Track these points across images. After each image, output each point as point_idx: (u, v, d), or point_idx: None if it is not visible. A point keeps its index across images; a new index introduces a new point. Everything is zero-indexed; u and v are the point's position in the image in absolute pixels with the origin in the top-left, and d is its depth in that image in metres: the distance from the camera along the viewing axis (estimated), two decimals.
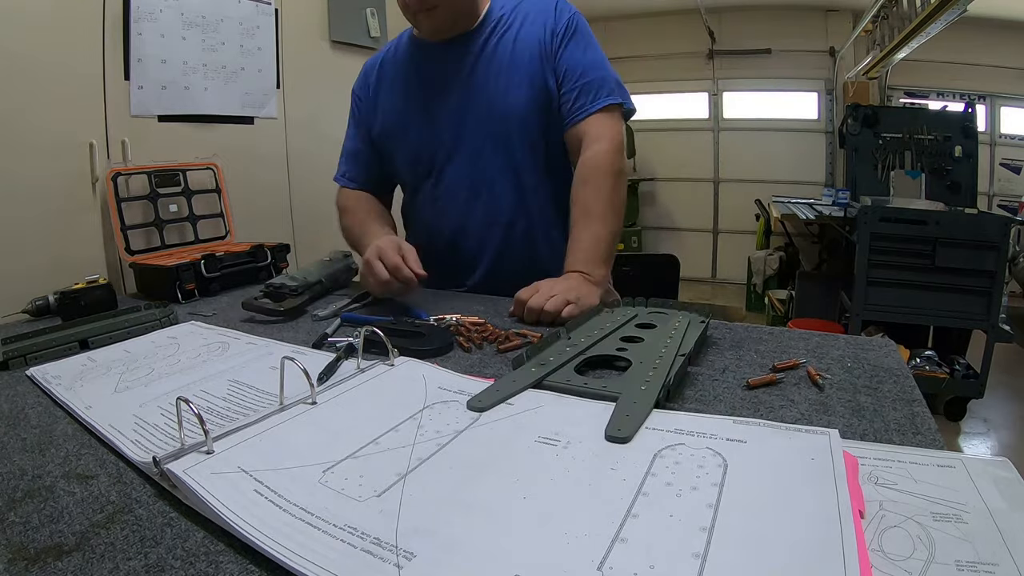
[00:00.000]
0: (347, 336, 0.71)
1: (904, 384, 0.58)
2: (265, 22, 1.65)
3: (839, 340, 0.72)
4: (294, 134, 1.81)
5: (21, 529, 0.39)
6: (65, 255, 1.23)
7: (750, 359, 0.66)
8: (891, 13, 3.28)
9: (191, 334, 0.81)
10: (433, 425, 0.49)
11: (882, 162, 3.79)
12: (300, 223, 1.86)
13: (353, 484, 0.41)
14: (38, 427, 0.54)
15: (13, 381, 0.66)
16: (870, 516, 0.36)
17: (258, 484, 0.40)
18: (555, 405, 0.53)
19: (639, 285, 0.96)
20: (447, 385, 0.58)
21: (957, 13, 2.62)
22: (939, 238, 2.34)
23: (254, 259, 1.18)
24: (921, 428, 0.49)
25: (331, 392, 0.56)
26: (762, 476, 0.39)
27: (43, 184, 1.20)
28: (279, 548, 0.34)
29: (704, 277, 5.49)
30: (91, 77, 1.28)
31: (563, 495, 0.39)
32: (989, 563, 0.32)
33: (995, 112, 4.55)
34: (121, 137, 1.33)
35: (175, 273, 1.04)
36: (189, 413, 0.43)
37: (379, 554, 0.33)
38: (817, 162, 4.98)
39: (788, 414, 0.52)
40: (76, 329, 0.80)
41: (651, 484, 0.39)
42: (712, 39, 5.04)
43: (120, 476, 0.45)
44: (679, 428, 0.47)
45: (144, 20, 1.35)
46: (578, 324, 0.73)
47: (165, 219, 1.32)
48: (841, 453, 0.41)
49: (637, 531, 0.34)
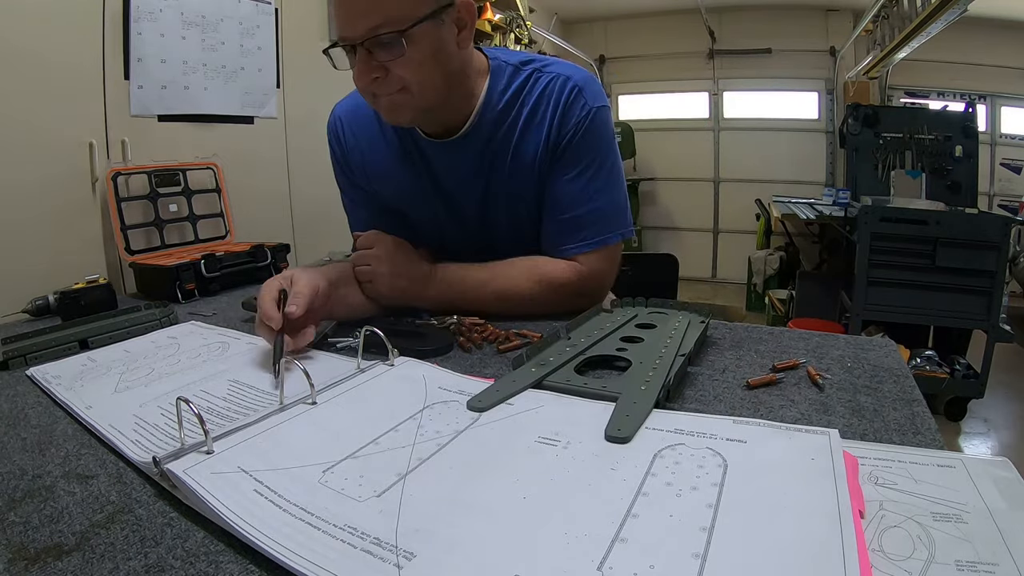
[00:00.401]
0: (347, 336, 0.71)
1: (904, 384, 0.58)
2: (265, 22, 1.65)
3: (839, 340, 0.72)
4: (294, 134, 1.81)
5: (21, 529, 0.39)
6: (65, 255, 1.23)
7: (750, 359, 0.66)
8: (891, 13, 3.27)
9: (191, 334, 0.81)
10: (433, 425, 0.49)
11: (882, 162, 3.79)
12: (300, 223, 1.86)
13: (353, 484, 0.41)
14: (38, 427, 0.54)
15: (13, 381, 0.66)
16: (870, 516, 0.36)
17: (258, 484, 0.40)
18: (555, 405, 0.52)
19: (639, 285, 0.95)
20: (447, 385, 0.58)
21: (957, 13, 2.62)
22: (939, 238, 2.34)
23: (254, 259, 1.18)
24: (921, 428, 0.49)
25: (331, 392, 0.56)
26: (762, 476, 0.39)
27: (43, 184, 1.20)
28: (279, 548, 0.34)
29: (704, 277, 5.49)
30: (91, 77, 1.28)
31: (563, 495, 0.39)
32: (989, 563, 0.32)
33: (995, 112, 4.54)
34: (121, 137, 1.33)
35: (175, 273, 1.04)
36: (189, 413, 0.43)
37: (379, 554, 0.33)
38: (817, 162, 4.97)
39: (788, 414, 0.52)
40: (76, 329, 0.80)
41: (651, 484, 0.39)
42: (712, 39, 5.03)
43: (120, 476, 0.45)
44: (679, 428, 0.47)
45: (144, 20, 1.35)
46: (578, 324, 0.73)
47: (165, 219, 1.32)
48: (841, 453, 0.41)
49: (637, 531, 0.34)
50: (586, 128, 0.83)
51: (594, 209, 0.85)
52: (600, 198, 0.85)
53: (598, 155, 0.85)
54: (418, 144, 0.87)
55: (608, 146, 0.86)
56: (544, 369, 0.59)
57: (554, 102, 0.83)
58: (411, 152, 0.88)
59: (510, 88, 0.84)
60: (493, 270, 0.85)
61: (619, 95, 5.64)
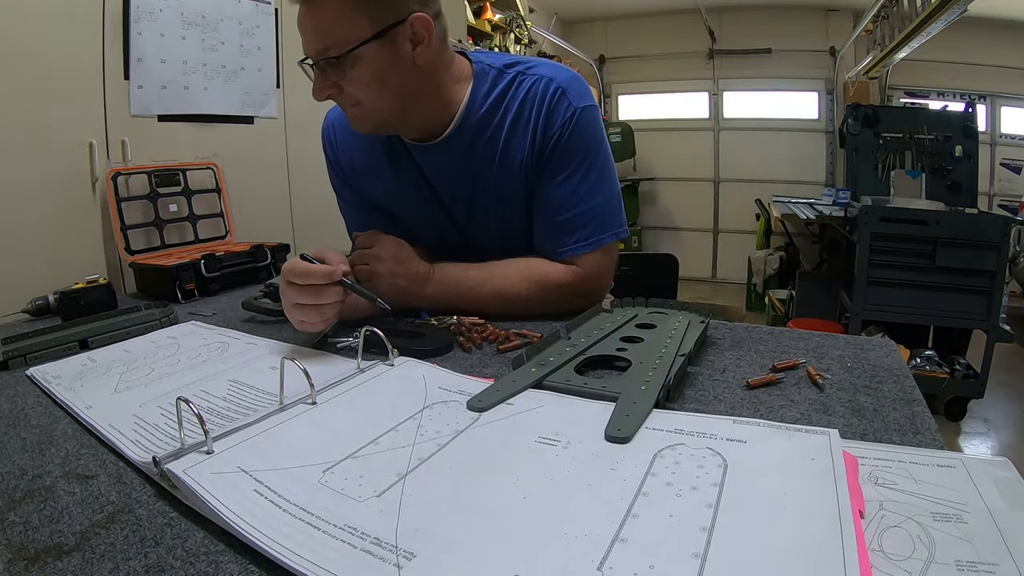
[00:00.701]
0: (347, 336, 0.71)
1: (904, 384, 0.58)
2: (265, 22, 1.65)
3: (839, 340, 0.72)
4: (294, 134, 1.81)
5: (21, 529, 0.39)
6: (65, 255, 1.23)
7: (750, 359, 0.66)
8: (891, 13, 3.27)
9: (191, 334, 0.81)
10: (433, 425, 0.49)
11: (882, 162, 3.79)
12: (300, 223, 1.86)
13: (353, 484, 0.41)
14: (38, 427, 0.54)
15: (13, 381, 0.66)
16: (870, 516, 0.36)
17: (258, 484, 0.40)
18: (555, 405, 0.52)
19: (639, 285, 0.95)
20: (447, 385, 0.58)
21: (957, 13, 2.62)
22: (939, 238, 2.34)
23: (254, 259, 1.18)
24: (921, 428, 0.49)
25: (331, 392, 0.56)
26: (762, 476, 0.39)
27: (43, 184, 1.20)
28: (279, 548, 0.34)
29: (704, 277, 5.49)
30: (91, 77, 1.28)
31: (563, 495, 0.39)
32: (989, 563, 0.32)
33: (995, 112, 4.55)
34: (121, 137, 1.33)
35: (175, 273, 1.04)
36: (189, 413, 0.43)
37: (379, 554, 0.33)
38: (817, 162, 4.98)
39: (788, 414, 0.52)
40: (76, 329, 0.80)
41: (651, 484, 0.39)
42: (712, 39, 5.04)
43: (120, 476, 0.45)
44: (679, 428, 0.47)
45: (144, 20, 1.35)
46: (578, 324, 0.73)
47: (165, 219, 1.32)
48: (841, 453, 0.41)
49: (637, 531, 0.34)
50: (572, 129, 0.82)
51: (587, 210, 0.84)
52: (592, 199, 0.84)
53: (587, 155, 0.84)
54: (405, 146, 0.88)
55: (597, 145, 0.85)
56: (544, 369, 0.59)
57: (538, 104, 0.82)
58: (400, 153, 0.89)
59: (493, 92, 0.84)
60: (491, 270, 0.85)
61: (619, 95, 5.65)
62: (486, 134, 0.84)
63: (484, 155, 0.85)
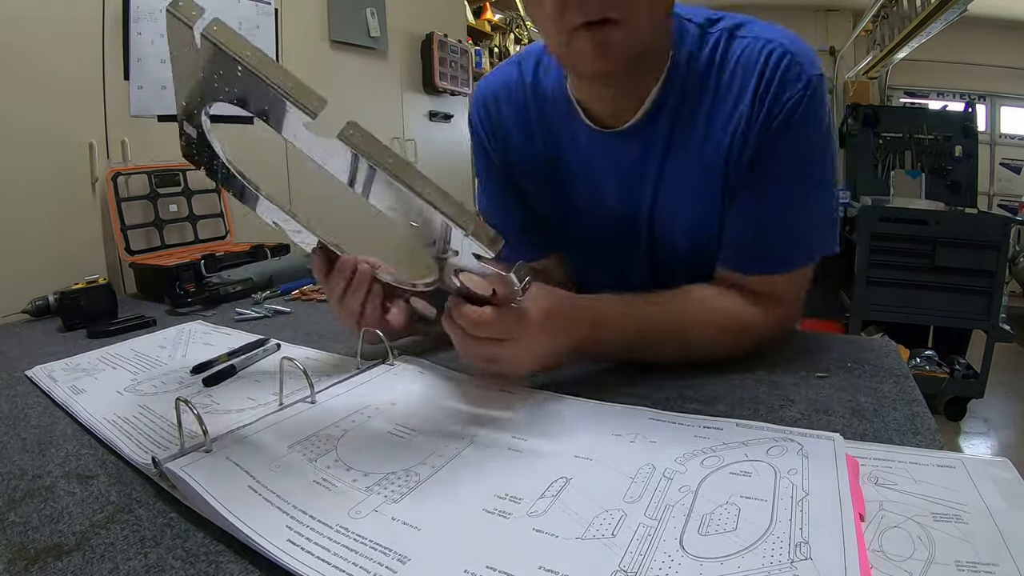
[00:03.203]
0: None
1: (904, 384, 0.58)
2: (265, 22, 1.64)
3: (839, 340, 0.72)
4: None
5: (21, 529, 0.39)
6: (65, 255, 1.23)
7: (750, 359, 0.66)
8: (891, 13, 3.27)
9: (194, 333, 0.81)
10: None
11: (882, 162, 3.79)
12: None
13: (352, 484, 0.41)
14: (38, 427, 0.54)
15: (13, 381, 0.66)
16: (870, 516, 0.36)
17: (257, 484, 0.40)
18: (556, 405, 0.52)
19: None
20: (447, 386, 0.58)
21: (957, 13, 2.62)
22: (939, 238, 2.35)
23: (254, 259, 1.18)
24: (921, 428, 0.49)
25: (330, 392, 0.56)
26: (762, 477, 0.39)
27: (43, 184, 1.20)
28: (279, 548, 0.34)
29: None
30: (91, 77, 1.28)
31: (564, 496, 0.39)
32: (989, 563, 0.32)
33: (995, 112, 4.55)
34: (121, 137, 1.33)
35: (175, 273, 1.04)
36: (188, 413, 0.43)
37: (375, 556, 0.33)
38: None
39: (788, 414, 0.52)
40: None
41: (649, 485, 0.39)
42: None
43: (120, 476, 0.45)
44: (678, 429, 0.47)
45: (144, 20, 1.35)
46: None
47: (165, 219, 1.32)
48: (844, 457, 0.41)
49: (635, 531, 0.34)
50: (805, 106, 0.60)
51: (807, 219, 0.65)
52: (815, 204, 0.65)
53: (817, 144, 0.63)
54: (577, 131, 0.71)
55: (828, 132, 0.64)
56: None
57: (758, 75, 0.61)
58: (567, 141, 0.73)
59: (699, 58, 0.64)
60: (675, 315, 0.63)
61: None
62: (686, 110, 0.65)
63: (681, 139, 0.66)
